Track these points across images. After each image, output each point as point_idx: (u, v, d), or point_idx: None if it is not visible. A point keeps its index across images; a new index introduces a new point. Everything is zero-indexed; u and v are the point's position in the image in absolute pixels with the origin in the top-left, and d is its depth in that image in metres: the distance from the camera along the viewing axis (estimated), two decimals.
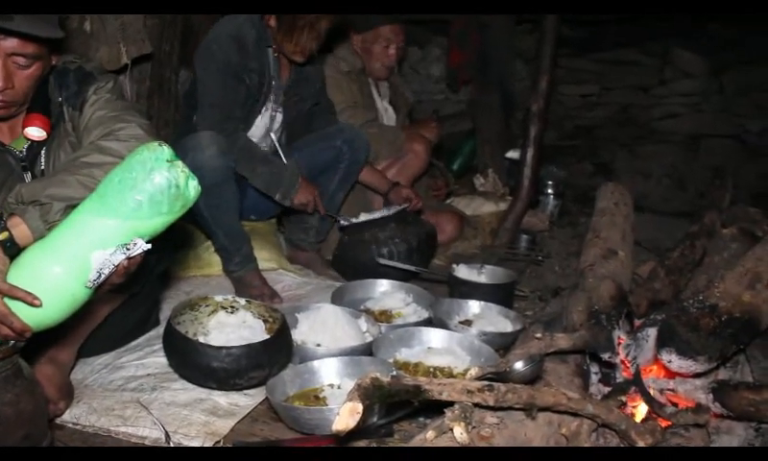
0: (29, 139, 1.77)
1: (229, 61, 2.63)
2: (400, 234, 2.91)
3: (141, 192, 1.41)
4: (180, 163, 1.46)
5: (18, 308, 1.40)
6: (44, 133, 1.76)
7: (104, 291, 1.57)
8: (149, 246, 1.48)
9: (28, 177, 1.79)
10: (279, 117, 2.92)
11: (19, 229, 1.49)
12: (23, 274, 1.42)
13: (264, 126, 2.88)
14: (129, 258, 1.48)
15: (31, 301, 1.38)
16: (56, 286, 1.41)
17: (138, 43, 3.16)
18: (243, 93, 2.70)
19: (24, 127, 1.75)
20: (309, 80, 2.96)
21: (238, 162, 2.63)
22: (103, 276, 1.46)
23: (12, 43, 1.61)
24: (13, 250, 1.47)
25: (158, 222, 1.46)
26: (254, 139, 2.86)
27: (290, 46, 2.69)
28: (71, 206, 1.51)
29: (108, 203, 1.42)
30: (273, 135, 2.91)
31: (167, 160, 1.43)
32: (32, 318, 1.42)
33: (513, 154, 4.37)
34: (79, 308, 1.48)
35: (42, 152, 1.80)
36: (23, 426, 1.36)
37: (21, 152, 1.80)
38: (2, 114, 1.71)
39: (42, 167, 1.80)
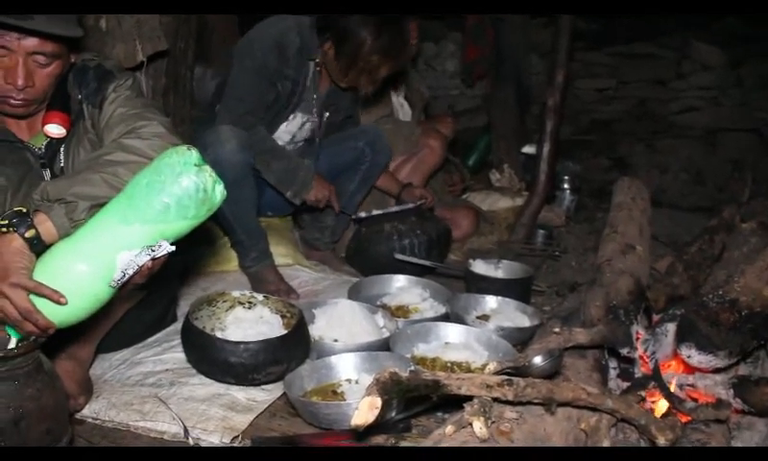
0: (48, 137, 1.78)
1: (266, 65, 2.63)
2: (420, 227, 2.92)
3: (169, 195, 1.43)
4: (207, 168, 1.48)
5: (43, 305, 1.42)
6: (64, 131, 1.77)
7: (125, 291, 1.59)
8: (173, 248, 1.50)
9: (47, 174, 1.80)
10: (309, 126, 2.92)
11: (45, 226, 1.50)
12: (49, 271, 1.44)
13: (290, 133, 2.89)
14: (153, 259, 1.50)
15: (57, 299, 1.40)
16: (80, 285, 1.44)
17: (154, 40, 3.17)
18: (272, 97, 2.71)
19: (44, 124, 1.76)
20: (346, 93, 2.97)
21: (254, 155, 2.64)
22: (127, 276, 1.48)
23: (32, 42, 1.62)
24: (39, 247, 1.49)
25: (184, 225, 1.49)
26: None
27: (341, 78, 2.70)
28: (96, 205, 1.52)
29: (135, 205, 1.44)
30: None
31: (195, 165, 1.46)
32: (55, 315, 1.44)
33: (528, 149, 4.37)
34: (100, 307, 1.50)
35: (62, 149, 1.82)
36: (45, 421, 1.37)
37: (40, 149, 1.81)
38: (22, 112, 1.72)
39: (62, 164, 1.82)
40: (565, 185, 4.15)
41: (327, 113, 2.91)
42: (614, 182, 2.78)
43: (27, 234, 1.47)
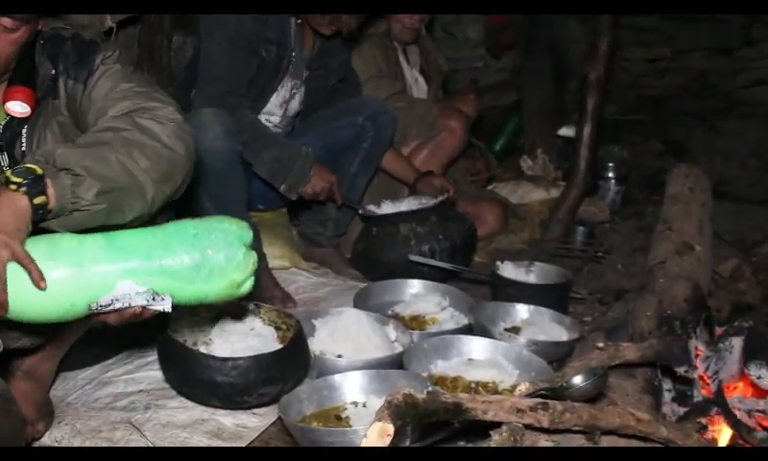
0: (8, 115, 1.76)
1: (242, 31, 2.66)
2: (443, 230, 2.92)
3: (207, 258, 1.55)
4: (253, 259, 1.62)
5: (13, 281, 1.43)
6: (28, 109, 1.75)
7: (90, 323, 1.62)
8: (170, 309, 1.56)
9: (4, 158, 1.79)
10: (299, 95, 2.93)
11: (49, 192, 1.51)
12: (39, 252, 1.46)
13: (280, 104, 2.90)
14: (145, 308, 1.54)
15: (37, 280, 1.41)
16: (62, 285, 1.46)
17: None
18: (254, 68, 2.73)
19: (5, 101, 1.74)
20: (335, 51, 2.98)
21: (243, 144, 2.66)
22: (112, 307, 1.51)
23: None
24: (41, 217, 1.50)
25: (198, 294, 1.58)
26: (270, 119, 2.89)
27: (321, 18, 2.71)
28: (104, 192, 1.54)
29: (168, 245, 1.53)
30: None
31: (245, 245, 1.60)
32: (18, 300, 1.44)
33: (566, 131, 4.37)
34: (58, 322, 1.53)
35: (23, 131, 1.80)
36: None
37: None
38: None
39: (23, 148, 1.80)
40: (610, 174, 4.15)
41: (307, 73, 2.92)
42: (669, 171, 2.78)
43: (36, 201, 1.47)
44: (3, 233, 1.40)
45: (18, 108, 1.74)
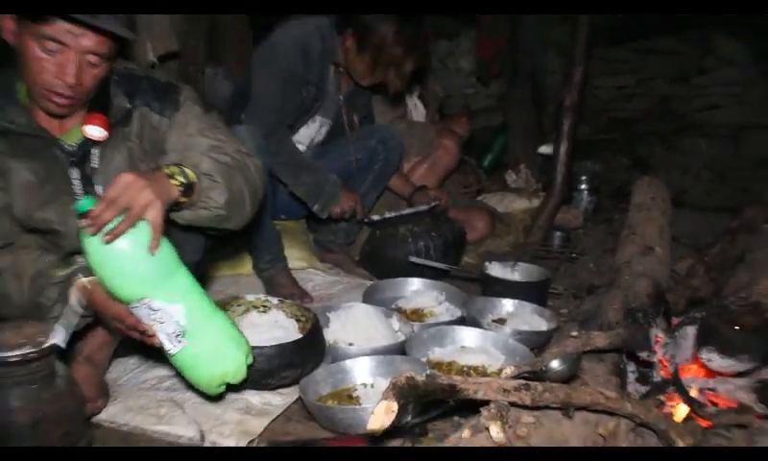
0: (87, 138, 1.78)
1: (294, 71, 2.70)
2: (435, 229, 2.94)
3: (222, 354, 1.71)
4: (242, 375, 1.76)
5: (134, 230, 1.53)
6: (105, 134, 1.78)
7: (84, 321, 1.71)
8: (171, 352, 1.67)
9: (75, 173, 1.81)
10: (325, 129, 2.97)
11: (194, 193, 1.70)
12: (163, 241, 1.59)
13: (309, 136, 2.94)
14: (155, 336, 1.63)
15: (154, 245, 1.54)
16: (154, 265, 1.57)
17: (164, 40, 3.21)
18: (298, 103, 2.76)
19: (84, 124, 1.76)
20: (363, 93, 3.00)
21: (283, 166, 2.69)
22: (146, 312, 1.60)
23: (89, 41, 1.63)
24: (175, 208, 1.67)
25: (192, 369, 1.71)
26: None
27: (366, 76, 2.76)
28: (229, 201, 1.75)
29: (201, 306, 1.68)
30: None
31: (246, 363, 1.75)
32: (123, 245, 1.53)
33: (545, 149, 4.36)
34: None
35: (96, 151, 1.81)
36: (63, 425, 1.42)
37: (71, 146, 1.81)
38: (65, 112, 1.74)
39: (95, 165, 1.82)
40: (583, 186, 4.14)
41: (336, 110, 2.95)
42: (634, 183, 2.79)
43: (182, 199, 1.65)
44: (159, 199, 1.53)
45: (96, 132, 1.77)
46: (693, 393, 1.73)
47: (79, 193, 1.80)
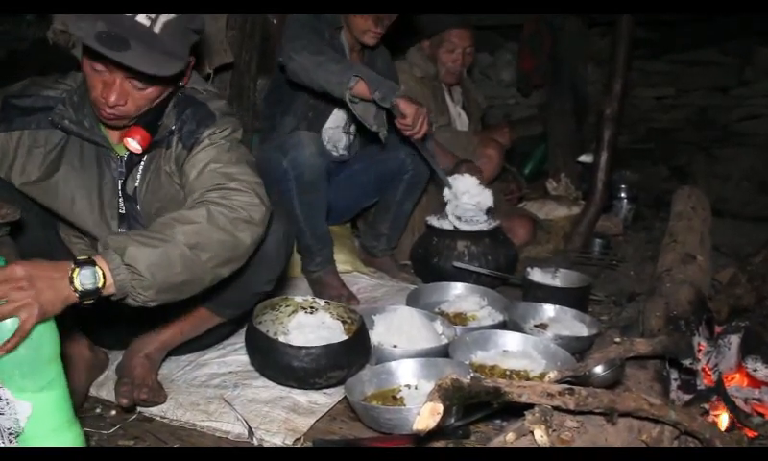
0: (126, 149, 1.78)
1: (313, 41, 2.58)
2: (492, 253, 2.89)
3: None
4: None
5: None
6: (140, 148, 1.75)
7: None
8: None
9: (119, 184, 1.83)
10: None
11: (107, 285, 1.44)
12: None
13: (342, 119, 2.92)
14: None
15: (10, 347, 1.28)
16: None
17: (220, 53, 3.26)
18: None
19: (125, 135, 1.76)
20: (378, 54, 2.94)
21: (333, 62, 2.52)
22: None
23: (124, 70, 1.60)
24: (93, 298, 1.43)
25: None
26: (337, 146, 2.93)
27: (367, 29, 2.70)
28: (161, 290, 1.50)
29: (55, 414, 1.34)
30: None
31: None
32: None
33: (585, 158, 4.32)
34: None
35: (141, 167, 1.82)
36: None
37: (121, 158, 1.82)
38: (115, 124, 1.74)
39: (136, 184, 1.83)
40: (622, 194, 4.09)
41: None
42: (673, 192, 2.73)
43: (86, 287, 1.39)
44: (37, 302, 1.29)
45: (132, 144, 1.75)
46: (738, 402, 1.67)
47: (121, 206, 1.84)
